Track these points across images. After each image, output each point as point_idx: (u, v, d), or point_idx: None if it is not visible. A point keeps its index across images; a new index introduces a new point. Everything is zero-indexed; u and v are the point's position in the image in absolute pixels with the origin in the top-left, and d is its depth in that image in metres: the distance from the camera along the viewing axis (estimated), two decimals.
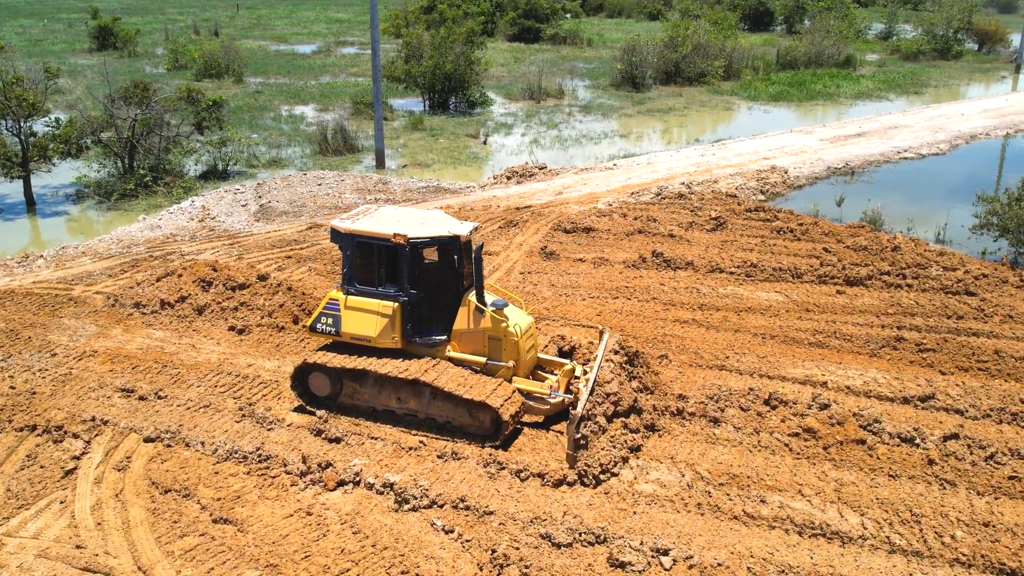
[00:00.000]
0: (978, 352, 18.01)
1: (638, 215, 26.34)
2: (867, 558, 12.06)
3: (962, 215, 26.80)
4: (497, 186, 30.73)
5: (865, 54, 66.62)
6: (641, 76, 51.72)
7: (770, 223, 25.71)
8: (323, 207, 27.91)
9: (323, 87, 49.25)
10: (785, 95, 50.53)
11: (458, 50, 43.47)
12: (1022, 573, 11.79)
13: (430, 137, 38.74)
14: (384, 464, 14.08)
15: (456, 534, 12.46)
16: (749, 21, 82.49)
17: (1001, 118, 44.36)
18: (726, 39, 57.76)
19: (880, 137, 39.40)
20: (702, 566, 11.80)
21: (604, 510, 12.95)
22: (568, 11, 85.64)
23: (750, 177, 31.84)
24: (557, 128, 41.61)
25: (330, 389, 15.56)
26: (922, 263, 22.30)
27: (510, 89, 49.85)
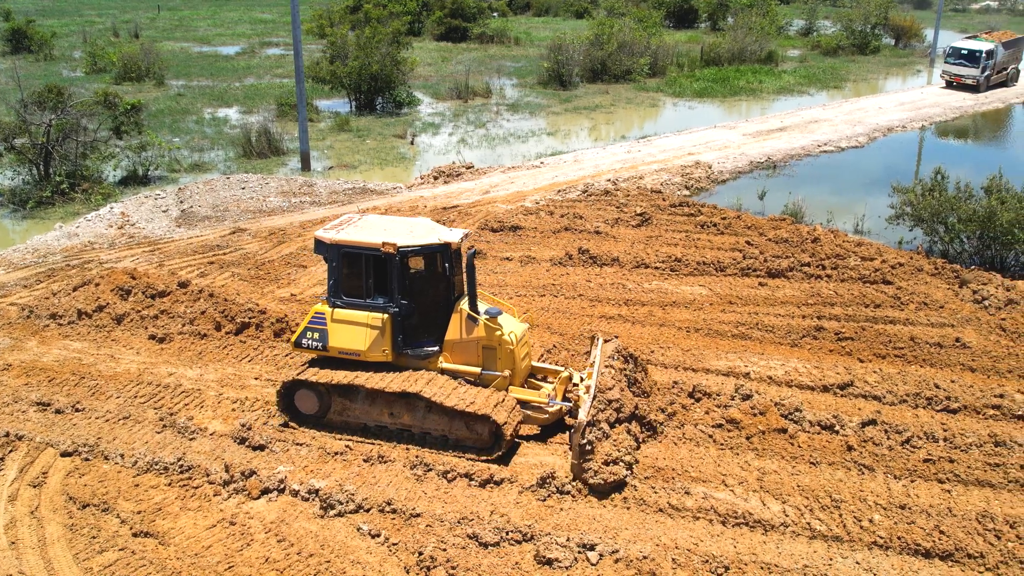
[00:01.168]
0: (894, 339, 18.52)
1: (565, 212, 26.47)
2: (789, 544, 12.31)
3: (880, 206, 27.47)
4: (424, 186, 30.61)
5: (787, 50, 67.87)
6: (568, 74, 51.98)
7: (694, 218, 26.07)
8: (247, 211, 27.49)
9: (247, 89, 48.50)
10: (709, 91, 51.25)
11: (384, 50, 43.17)
12: (936, 553, 12.15)
13: (357, 138, 38.42)
14: (309, 470, 13.93)
15: (383, 538, 12.39)
16: (674, 18, 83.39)
17: (916, 111, 45.60)
18: (651, 37, 58.39)
19: (801, 131, 40.22)
20: (628, 559, 11.91)
21: (531, 508, 13.00)
22: (495, 10, 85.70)
23: (675, 173, 32.23)
24: (485, 127, 41.62)
25: (318, 406, 15.00)
26: (841, 254, 22.82)
27: (437, 89, 49.68)
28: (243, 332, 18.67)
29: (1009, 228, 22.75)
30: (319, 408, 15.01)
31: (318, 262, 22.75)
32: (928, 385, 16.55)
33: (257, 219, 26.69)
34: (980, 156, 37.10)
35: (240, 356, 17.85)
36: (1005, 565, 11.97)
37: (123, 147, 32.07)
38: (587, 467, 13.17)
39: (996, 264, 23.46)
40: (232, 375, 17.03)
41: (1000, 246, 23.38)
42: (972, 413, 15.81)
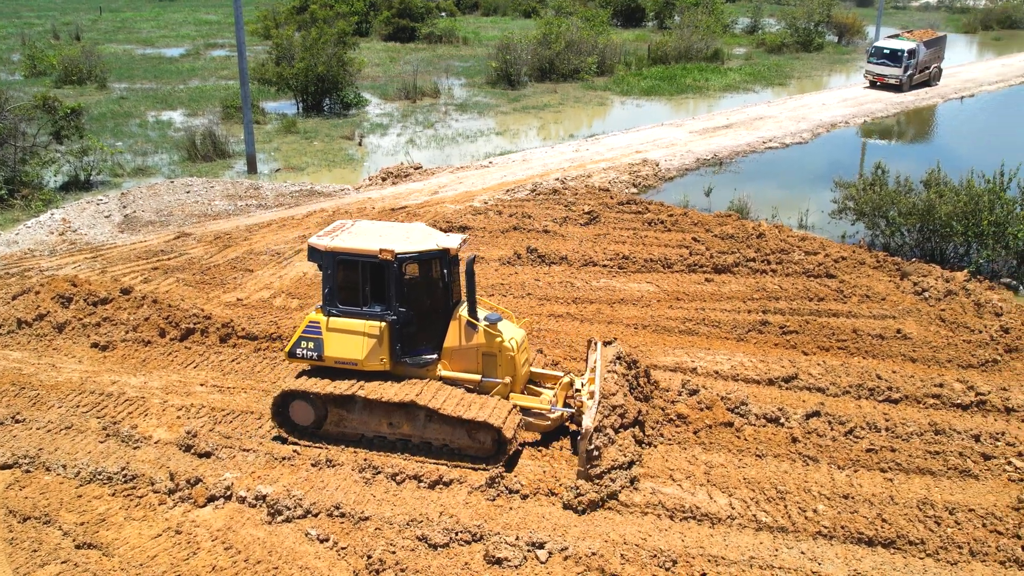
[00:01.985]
0: (837, 332, 18.84)
1: (513, 212, 26.52)
2: (735, 537, 12.47)
3: (823, 201, 27.90)
4: (372, 188, 30.46)
5: (732, 48, 68.58)
6: (516, 74, 52.04)
7: (642, 215, 26.27)
8: (191, 215, 27.13)
9: (192, 91, 47.84)
10: (657, 89, 51.64)
11: (330, 51, 42.82)
12: (879, 540, 12.39)
13: (304, 140, 38.10)
14: (256, 476, 13.81)
15: (331, 542, 12.32)
16: (621, 17, 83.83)
17: (859, 107, 46.38)
18: (598, 35, 58.64)
19: (747, 128, 40.71)
20: (577, 556, 11.98)
21: (480, 508, 13.01)
22: (443, 10, 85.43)
23: (623, 171, 32.44)
24: (433, 127, 41.52)
25: (314, 417, 14.61)
26: (785, 248, 23.16)
27: (386, 89, 49.44)
28: (188, 338, 18.42)
29: (947, 221, 23.24)
30: (315, 419, 14.62)
31: (264, 266, 22.56)
32: (870, 376, 16.87)
33: (202, 223, 26.36)
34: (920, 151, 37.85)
35: (185, 363, 17.62)
36: (945, 550, 12.24)
37: (64, 152, 31.44)
38: (593, 473, 13.09)
39: (936, 256, 23.94)
40: (177, 382, 16.80)
41: (939, 238, 23.88)
42: (913, 403, 16.16)
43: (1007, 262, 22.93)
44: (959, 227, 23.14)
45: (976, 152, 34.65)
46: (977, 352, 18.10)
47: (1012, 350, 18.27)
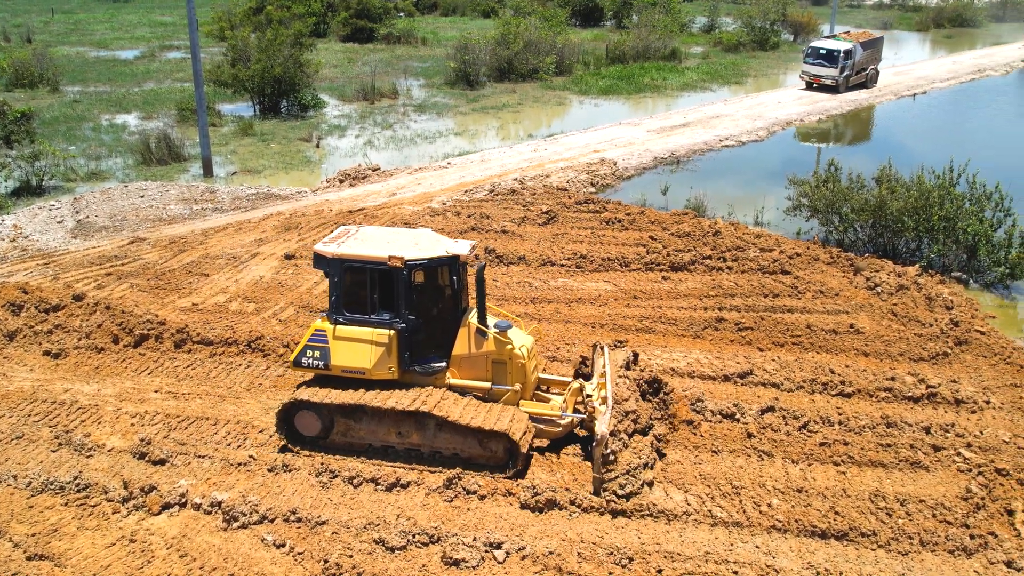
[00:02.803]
0: (792, 327, 19.07)
1: (471, 212, 26.51)
2: (691, 532, 12.59)
3: (778, 198, 28.18)
4: (330, 190, 30.29)
5: (690, 47, 69.08)
6: (475, 74, 52.02)
7: (599, 214, 26.39)
8: (146, 220, 26.80)
9: (147, 94, 47.25)
10: (615, 89, 51.87)
11: (287, 52, 42.53)
12: (832, 533, 12.57)
13: (261, 142, 37.78)
14: (212, 483, 13.69)
15: (287, 548, 12.26)
16: (580, 17, 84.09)
17: (814, 104, 46.93)
18: (557, 35, 58.78)
19: (704, 127, 41.02)
20: (534, 556, 12.03)
21: (438, 509, 13.01)
22: (401, 10, 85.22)
23: (581, 170, 32.55)
24: (392, 128, 41.36)
25: (320, 427, 14.37)
26: (741, 246, 23.38)
27: (344, 90, 49.17)
28: (142, 344, 18.21)
29: (899, 216, 23.61)
30: (321, 429, 14.37)
31: (220, 270, 22.36)
32: (824, 371, 17.10)
33: (157, 228, 26.05)
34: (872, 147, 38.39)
35: (139, 369, 17.42)
36: (896, 541, 12.45)
37: (14, 157, 30.90)
38: (603, 477, 13.03)
39: (888, 251, 24.32)
40: (131, 389, 16.60)
41: (891, 234, 24.25)
42: (865, 396, 16.41)
43: (957, 256, 23.35)
44: (910, 223, 23.52)
45: (927, 148, 35.23)
46: (928, 345, 18.42)
47: (962, 343, 18.61)
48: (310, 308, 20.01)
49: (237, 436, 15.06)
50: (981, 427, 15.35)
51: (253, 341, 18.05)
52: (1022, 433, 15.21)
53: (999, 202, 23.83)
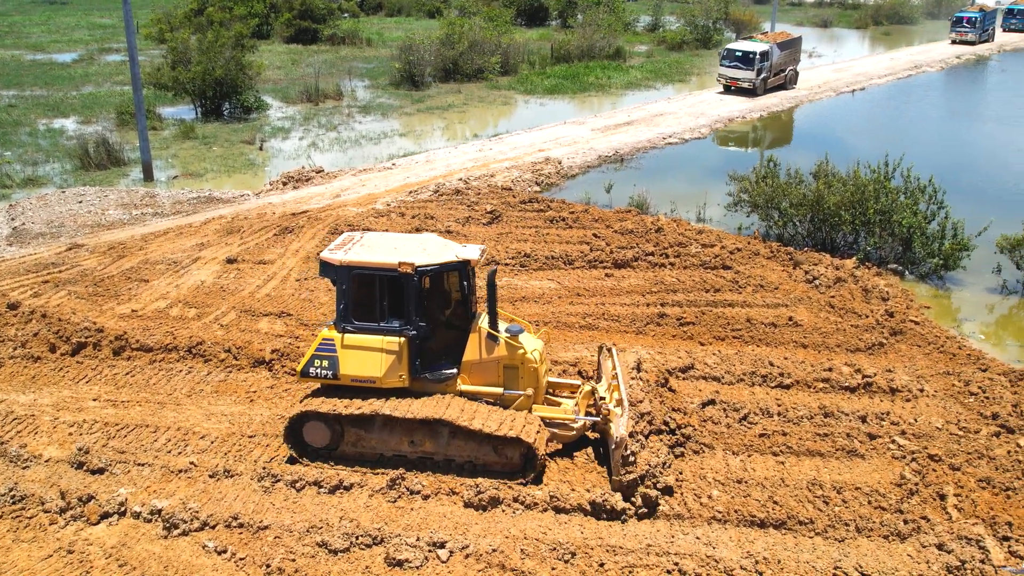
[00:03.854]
0: (732, 322, 19.35)
1: (416, 213, 26.46)
2: (633, 526, 12.72)
3: (720, 194, 28.50)
4: (273, 193, 30.04)
5: (634, 46, 69.65)
6: (420, 74, 51.90)
7: (544, 213, 26.51)
8: (84, 226, 26.33)
9: (85, 98, 46.40)
10: (560, 88, 52.11)
11: (228, 54, 42.08)
12: (771, 522, 12.78)
13: (203, 145, 37.32)
14: (152, 490, 13.53)
15: (229, 553, 12.17)
16: (525, 17, 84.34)
17: (754, 101, 47.55)
18: (502, 35, 58.87)
19: (647, 125, 41.38)
20: (478, 554, 12.08)
21: (381, 511, 12.99)
22: (345, 11, 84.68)
23: (526, 169, 32.66)
24: (336, 130, 41.11)
25: (330, 438, 14.06)
26: (683, 242, 23.64)
27: (287, 92, 48.75)
28: (80, 352, 17.90)
29: (836, 210, 24.05)
30: (330, 440, 14.07)
31: (161, 275, 22.06)
32: (763, 363, 17.37)
33: (96, 234, 25.61)
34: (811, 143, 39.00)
35: (77, 378, 17.13)
36: (833, 528, 12.70)
37: None
38: (626, 480, 13.00)
39: (827, 245, 24.76)
40: (69, 398, 16.32)
41: (829, 228, 24.68)
42: (804, 387, 16.71)
43: (893, 248, 23.85)
44: (847, 216, 23.97)
45: (864, 144, 35.86)
46: (864, 336, 18.81)
47: (897, 333, 19.04)
48: (252, 312, 19.83)
49: (178, 443, 14.89)
50: (915, 415, 15.72)
51: (194, 347, 17.85)
52: (954, 420, 15.60)
53: (932, 195, 24.39)
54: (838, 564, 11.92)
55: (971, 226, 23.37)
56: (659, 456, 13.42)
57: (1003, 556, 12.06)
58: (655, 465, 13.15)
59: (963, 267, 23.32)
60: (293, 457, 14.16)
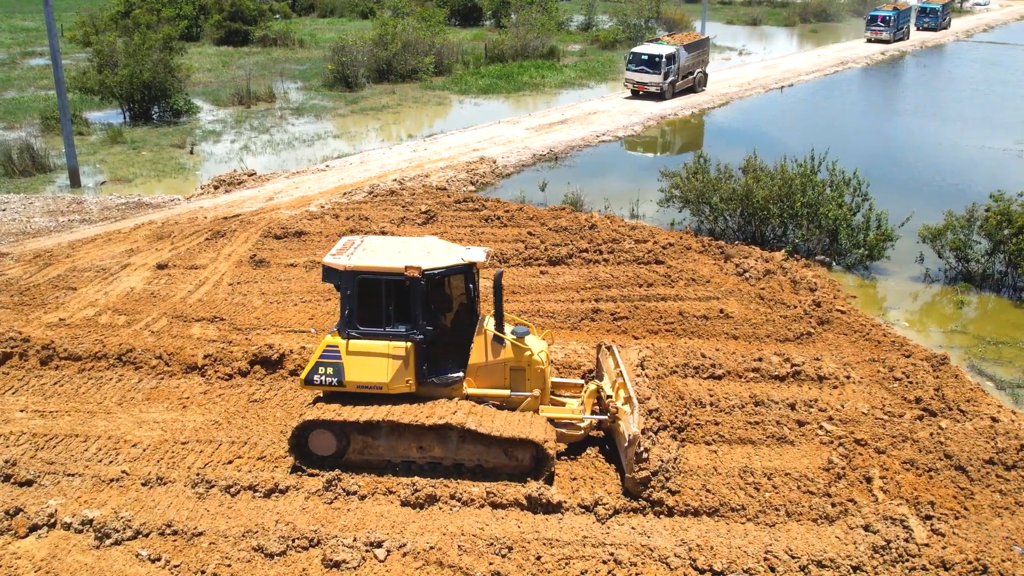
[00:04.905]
0: (665, 315, 19.64)
1: (351, 215, 26.35)
2: (569, 519, 12.87)
3: (653, 191, 28.87)
4: (204, 197, 29.63)
5: (568, 45, 70.17)
6: (353, 75, 51.61)
7: (479, 212, 26.59)
8: (8, 234, 25.67)
9: (8, 103, 45.18)
10: (494, 87, 52.26)
11: (156, 57, 41.36)
12: (704, 510, 13.03)
13: (132, 150, 36.63)
14: (83, 501, 13.29)
15: (163, 561, 12.02)
16: (459, 17, 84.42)
17: (687, 99, 48.23)
18: (435, 35, 58.85)
19: (581, 123, 41.72)
20: (415, 552, 12.12)
21: (318, 512, 12.95)
22: (277, 12, 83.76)
23: (460, 169, 32.72)
24: (269, 132, 40.69)
25: (336, 446, 13.78)
26: (616, 238, 23.92)
27: (218, 95, 48.10)
28: (5, 363, 17.44)
29: (764, 204, 24.57)
30: (336, 448, 13.81)
31: (89, 283, 21.63)
32: (696, 355, 17.66)
33: (20, 242, 25.00)
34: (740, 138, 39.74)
35: (3, 389, 16.69)
36: (763, 513, 13.00)
37: None
38: (640, 477, 13.05)
39: (756, 238, 25.27)
40: None
41: (759, 221, 25.20)
42: (735, 378, 17.04)
43: (820, 240, 24.42)
44: (775, 210, 24.50)
45: (792, 138, 36.66)
46: (793, 326, 19.25)
47: (824, 322, 19.53)
48: (184, 318, 19.56)
49: (109, 452, 14.63)
50: (842, 401, 16.14)
51: (124, 354, 17.53)
52: (880, 405, 16.06)
53: (857, 187, 25.06)
54: (769, 548, 12.21)
55: (894, 217, 24.10)
56: (669, 452, 13.56)
57: (925, 534, 12.46)
58: (667, 461, 13.30)
59: (887, 257, 24.00)
60: (296, 467, 13.91)
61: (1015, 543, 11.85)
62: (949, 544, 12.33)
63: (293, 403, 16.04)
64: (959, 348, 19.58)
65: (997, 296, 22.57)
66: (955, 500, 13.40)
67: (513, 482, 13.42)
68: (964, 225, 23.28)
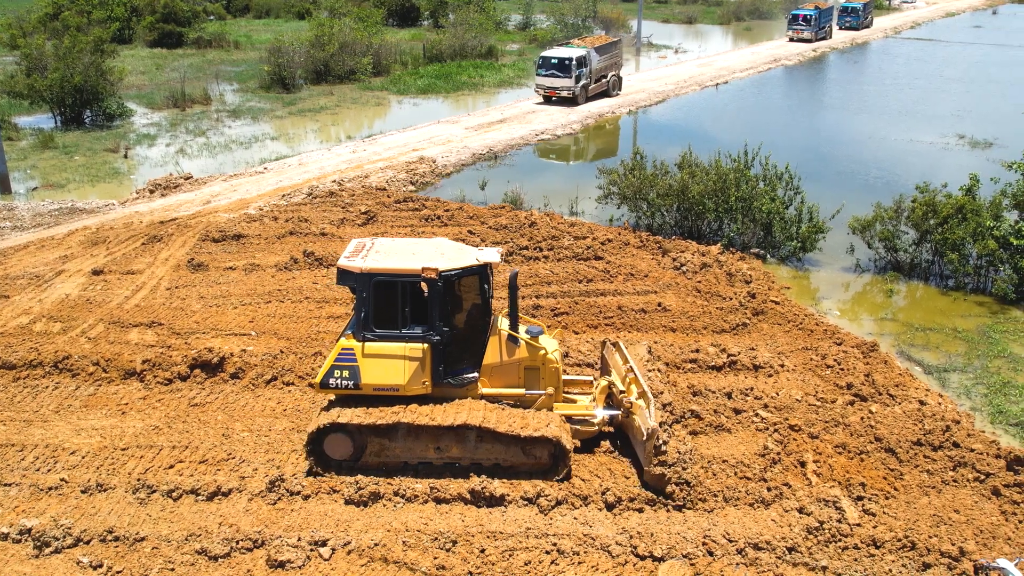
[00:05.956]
0: (604, 310, 19.94)
1: (289, 217, 26.23)
2: (513, 512, 13.03)
3: (591, 188, 29.16)
4: (140, 201, 29.22)
5: (506, 44, 70.38)
6: (290, 77, 51.23)
7: (419, 212, 26.66)
8: None
9: None
10: (433, 87, 52.27)
11: (87, 60, 40.63)
12: (643, 499, 13.29)
13: (64, 155, 35.94)
14: (20, 510, 13.12)
15: (105, 568, 11.95)
16: (397, 17, 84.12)
17: (624, 97, 48.72)
18: (373, 36, 58.62)
19: (520, 122, 41.94)
20: (360, 549, 12.20)
21: (261, 514, 12.95)
22: (211, 13, 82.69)
23: (400, 170, 32.72)
24: (205, 135, 40.21)
25: (352, 449, 13.67)
26: (556, 235, 24.18)
27: (152, 98, 47.40)
28: None
29: (700, 199, 25.00)
30: (353, 452, 13.75)
31: (22, 291, 21.26)
32: None
33: None
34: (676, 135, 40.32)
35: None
36: (702, 501, 13.30)
37: None
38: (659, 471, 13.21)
39: (693, 233, 25.71)
40: None
41: (695, 216, 25.64)
42: (674, 369, 17.36)
43: (755, 233, 24.94)
44: (711, 204, 24.96)
45: (726, 134, 37.25)
46: (729, 317, 19.68)
47: (759, 313, 20.00)
48: (121, 324, 19.33)
49: (47, 460, 14.44)
50: (776, 389, 16.57)
51: (60, 361, 17.28)
52: (812, 391, 16.52)
53: (789, 181, 25.63)
54: (707, 533, 12.53)
55: (826, 210, 24.68)
56: (685, 444, 13.76)
57: (857, 515, 12.88)
58: (684, 452, 13.51)
59: (819, 249, 24.60)
60: (311, 471, 13.84)
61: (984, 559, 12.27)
62: (879, 523, 12.76)
63: (234, 406, 16.00)
64: (889, 335, 20.17)
65: (925, 284, 23.27)
66: (885, 481, 13.85)
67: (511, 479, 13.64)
68: (892, 216, 23.96)
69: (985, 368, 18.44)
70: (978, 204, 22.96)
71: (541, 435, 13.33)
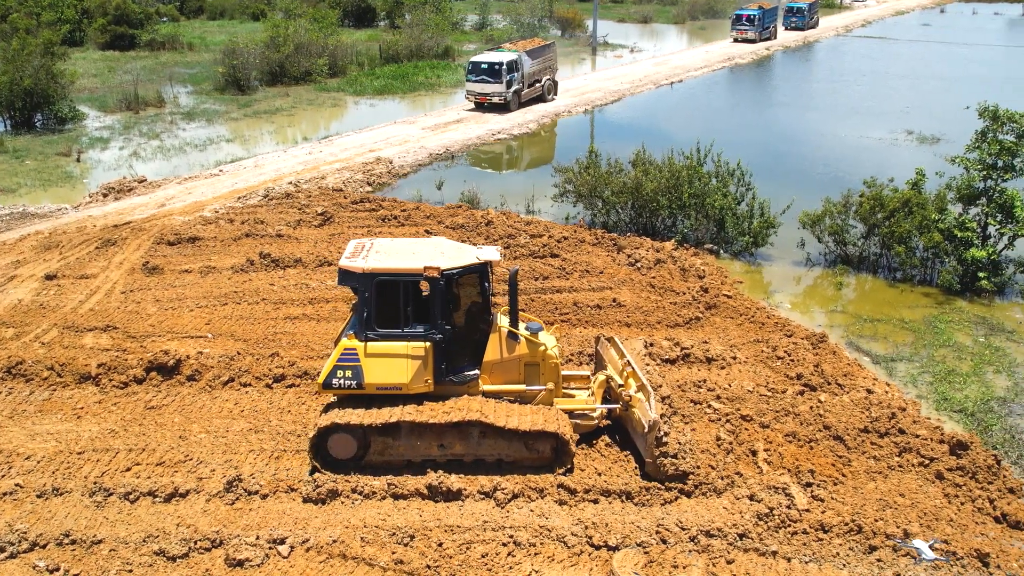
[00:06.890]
0: (560, 306, 20.18)
1: (245, 219, 26.18)
2: (470, 506, 13.22)
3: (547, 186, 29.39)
4: (93, 205, 28.94)
5: (463, 44, 70.46)
6: (245, 78, 50.91)
7: (375, 212, 26.73)
8: None
9: None
10: (390, 88, 52.25)
11: (37, 62, 40.11)
12: (598, 491, 13.54)
13: (15, 159, 35.45)
14: None
15: (62, 571, 11.94)
16: (353, 18, 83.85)
17: (580, 96, 49.10)
18: (328, 36, 58.43)
19: (477, 122, 42.09)
20: (318, 546, 12.31)
21: (219, 514, 13.00)
22: (164, 15, 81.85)
23: (357, 170, 32.74)
24: (159, 138, 39.88)
25: (356, 449, 13.68)
26: (512, 233, 24.39)
27: (105, 101, 46.86)
28: None
29: (654, 196, 25.37)
30: (357, 451, 13.79)
31: None
32: (589, 343, 18.20)
33: None
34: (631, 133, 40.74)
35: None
36: (658, 491, 13.55)
37: None
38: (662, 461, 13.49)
39: (647, 229, 26.06)
40: None
41: (649, 213, 26.00)
42: None
43: (708, 229, 25.35)
44: (664, 201, 25.33)
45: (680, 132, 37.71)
46: (682, 312, 20.02)
47: (711, 307, 20.36)
48: (76, 328, 19.18)
49: (1, 465, 14.32)
50: (729, 380, 16.92)
51: (13, 367, 17.13)
52: (764, 382, 16.89)
53: (741, 178, 26.06)
54: (661, 522, 12.80)
55: (777, 205, 25.14)
56: (684, 435, 14.08)
57: (806, 501, 13.23)
58: (684, 443, 13.82)
59: (771, 243, 25.06)
60: (315, 469, 13.86)
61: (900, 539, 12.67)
62: (828, 508, 13.12)
63: (191, 408, 15.99)
64: (839, 327, 20.63)
65: (873, 276, 23.82)
66: (833, 468, 14.24)
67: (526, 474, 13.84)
68: (840, 211, 24.46)
69: (931, 357, 18.95)
70: (924, 198, 23.54)
71: (544, 430, 13.58)
